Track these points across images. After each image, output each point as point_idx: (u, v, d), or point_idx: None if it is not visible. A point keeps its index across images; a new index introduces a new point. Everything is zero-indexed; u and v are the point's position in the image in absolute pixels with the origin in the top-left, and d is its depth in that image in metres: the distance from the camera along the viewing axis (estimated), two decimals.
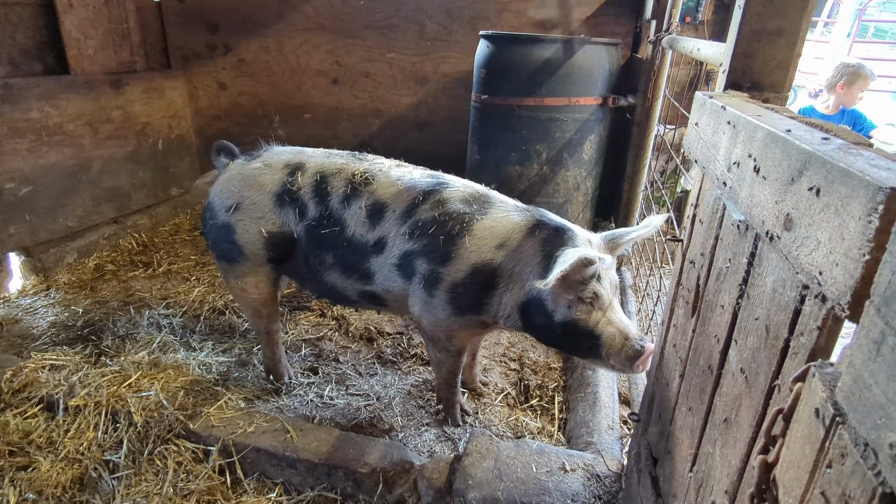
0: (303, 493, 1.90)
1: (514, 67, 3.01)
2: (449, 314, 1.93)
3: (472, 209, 1.90)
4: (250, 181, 2.11)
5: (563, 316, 1.74)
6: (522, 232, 1.83)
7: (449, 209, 1.90)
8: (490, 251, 1.83)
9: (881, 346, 0.47)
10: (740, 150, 0.97)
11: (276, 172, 2.10)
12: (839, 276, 0.59)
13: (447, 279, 1.87)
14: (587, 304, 1.70)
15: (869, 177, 0.55)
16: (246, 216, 2.09)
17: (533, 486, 1.74)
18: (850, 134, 0.76)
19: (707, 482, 1.00)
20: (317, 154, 2.18)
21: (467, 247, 1.84)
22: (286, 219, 2.08)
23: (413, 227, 1.91)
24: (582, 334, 1.72)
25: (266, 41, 4.18)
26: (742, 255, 0.95)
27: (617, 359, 1.67)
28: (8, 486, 1.84)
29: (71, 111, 3.39)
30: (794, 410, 0.63)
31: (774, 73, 1.31)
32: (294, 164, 2.12)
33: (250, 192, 2.09)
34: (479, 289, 1.85)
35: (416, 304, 1.99)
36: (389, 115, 4.20)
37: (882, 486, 0.44)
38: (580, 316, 1.71)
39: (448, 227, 1.87)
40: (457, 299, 1.89)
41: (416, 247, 1.90)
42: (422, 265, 1.90)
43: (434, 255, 1.87)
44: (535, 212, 1.91)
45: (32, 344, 2.64)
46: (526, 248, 1.81)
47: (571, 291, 1.70)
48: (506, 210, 1.91)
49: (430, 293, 1.91)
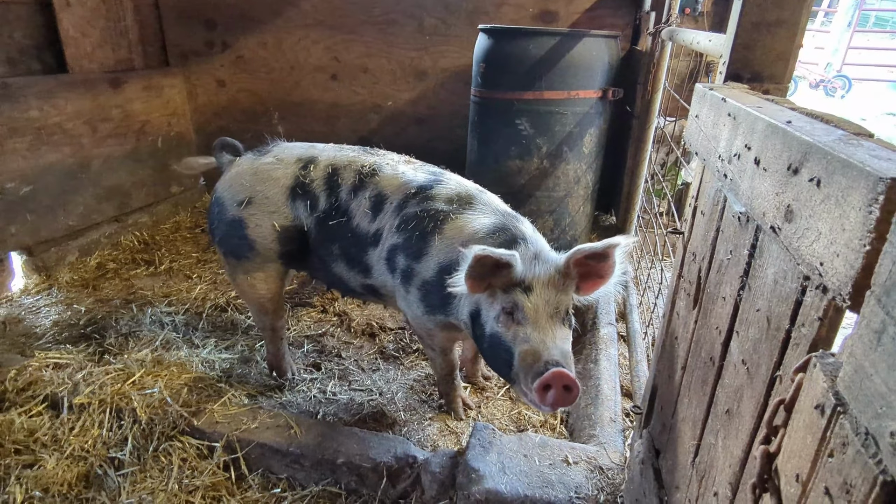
0: (307, 488, 1.91)
1: (514, 61, 3.00)
2: (423, 312, 1.93)
3: (450, 208, 1.87)
4: (263, 175, 2.11)
5: (490, 328, 1.64)
6: (482, 235, 1.78)
7: (429, 206, 1.89)
8: (455, 251, 1.77)
9: (882, 336, 0.48)
10: (741, 141, 0.97)
11: (288, 167, 2.11)
12: (840, 266, 0.59)
13: (419, 276, 1.88)
14: (508, 316, 1.59)
15: (869, 167, 0.55)
16: (259, 210, 2.09)
17: (536, 479, 1.75)
18: (850, 124, 0.76)
19: (709, 473, 1.01)
20: (328, 148, 2.19)
21: (436, 245, 1.83)
22: (298, 213, 2.08)
23: (400, 221, 1.91)
24: (500, 349, 1.60)
25: (264, 37, 4.17)
26: (743, 246, 0.95)
27: (524, 381, 1.50)
28: (14, 484, 1.85)
29: (70, 110, 3.38)
30: (796, 401, 0.64)
31: (775, 65, 1.31)
32: (306, 158, 2.12)
33: (263, 187, 2.09)
34: (446, 289, 1.76)
35: (399, 299, 2.00)
36: (389, 111, 4.19)
37: (883, 474, 0.44)
38: (500, 329, 1.60)
39: (424, 224, 1.86)
40: (427, 297, 1.89)
41: (399, 241, 1.91)
42: (401, 260, 1.91)
43: (410, 251, 1.88)
44: (508, 218, 1.83)
45: (36, 343, 2.65)
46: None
47: (497, 301, 1.62)
48: (482, 212, 1.85)
49: (406, 289, 1.93)
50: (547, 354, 1.50)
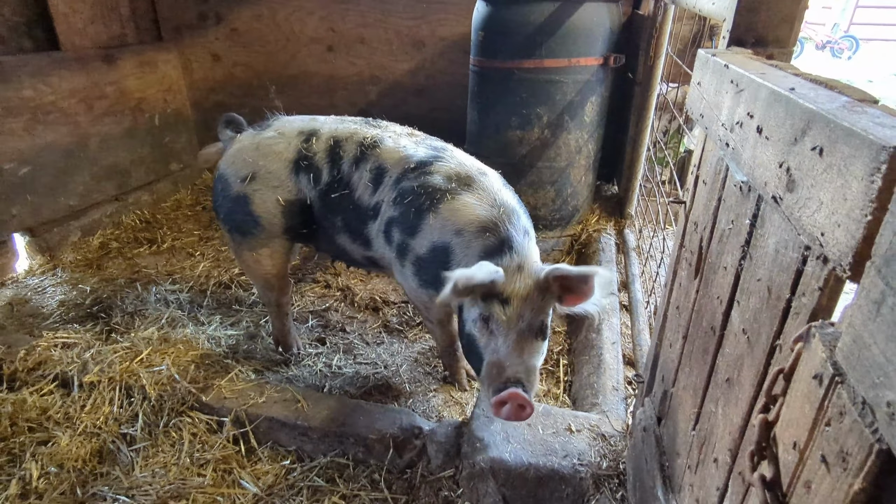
0: (315, 460, 1.96)
1: (512, 28, 2.94)
2: (418, 285, 1.94)
3: (448, 186, 1.84)
4: (265, 150, 2.09)
5: (468, 328, 1.70)
6: (475, 229, 1.77)
7: (428, 182, 1.86)
8: (449, 235, 1.79)
9: (881, 307, 0.48)
10: (743, 109, 0.95)
11: (290, 140, 2.09)
12: (841, 236, 0.58)
13: (413, 251, 1.88)
14: (483, 323, 1.63)
15: (872, 135, 0.54)
16: (262, 185, 2.08)
17: (539, 447, 1.79)
18: (855, 91, 0.74)
19: (709, 440, 1.02)
20: (329, 121, 2.16)
21: (430, 224, 1.82)
22: (301, 186, 2.08)
23: (397, 195, 1.90)
24: (473, 351, 1.69)
25: (258, 9, 4.08)
26: (745, 216, 0.95)
27: (486, 389, 1.60)
28: (30, 461, 1.90)
29: (64, 88, 3.34)
30: (795, 370, 0.64)
31: (779, 28, 1.27)
32: (308, 131, 2.10)
33: (266, 161, 2.08)
34: (438, 267, 1.79)
35: (395, 272, 2.02)
36: (387, 82, 4.13)
37: (879, 442, 0.45)
38: (476, 333, 1.66)
39: (420, 200, 1.84)
40: (421, 272, 1.90)
41: (395, 214, 1.91)
42: (397, 234, 1.91)
43: (406, 226, 1.88)
44: (501, 212, 1.78)
45: (43, 323, 2.68)
46: (473, 247, 1.76)
47: (476, 306, 1.65)
48: (479, 199, 1.82)
49: (402, 262, 1.94)
50: (511, 371, 1.55)
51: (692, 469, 1.11)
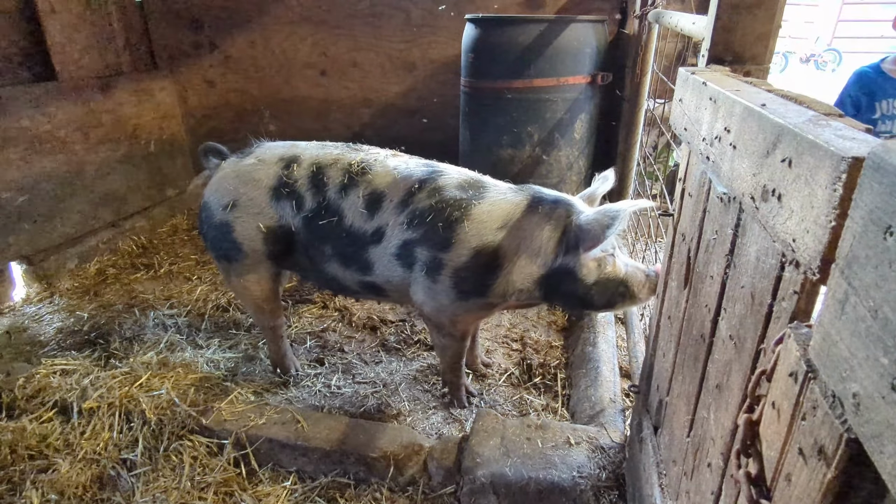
0: (317, 480, 1.96)
1: (502, 50, 3.02)
2: (453, 299, 1.96)
3: (468, 194, 1.93)
4: (245, 178, 2.12)
5: (597, 276, 1.87)
6: (522, 210, 1.88)
7: (446, 196, 1.93)
8: (491, 233, 1.87)
9: (845, 306, 0.51)
10: (721, 124, 1.00)
11: (270, 167, 2.11)
12: (810, 242, 0.62)
13: (449, 265, 1.91)
14: (611, 257, 1.87)
15: (833, 147, 0.58)
16: (243, 213, 2.10)
17: (539, 461, 1.80)
18: (822, 105, 0.79)
19: (703, 445, 1.05)
20: (311, 146, 2.19)
21: (467, 231, 1.87)
22: (283, 212, 2.09)
23: (411, 216, 1.93)
24: (614, 285, 1.90)
25: (251, 36, 4.17)
26: (727, 226, 0.98)
27: (643, 292, 1.91)
28: (30, 489, 1.89)
29: (61, 117, 3.39)
30: (775, 371, 0.67)
31: (755, 46, 1.33)
32: (288, 157, 2.12)
33: (246, 189, 2.10)
34: (482, 271, 1.89)
35: (419, 291, 2.02)
36: (380, 104, 4.20)
37: (848, 432, 0.48)
38: (609, 270, 1.87)
39: (446, 213, 1.89)
40: (460, 284, 1.93)
41: (415, 235, 1.93)
42: (423, 253, 1.93)
43: (434, 242, 1.90)
44: (528, 190, 1.97)
45: (41, 351, 2.68)
46: (530, 226, 1.86)
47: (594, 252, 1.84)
48: (501, 192, 1.95)
49: (434, 279, 1.95)
50: (641, 266, 1.94)
51: (688, 475, 1.13)
